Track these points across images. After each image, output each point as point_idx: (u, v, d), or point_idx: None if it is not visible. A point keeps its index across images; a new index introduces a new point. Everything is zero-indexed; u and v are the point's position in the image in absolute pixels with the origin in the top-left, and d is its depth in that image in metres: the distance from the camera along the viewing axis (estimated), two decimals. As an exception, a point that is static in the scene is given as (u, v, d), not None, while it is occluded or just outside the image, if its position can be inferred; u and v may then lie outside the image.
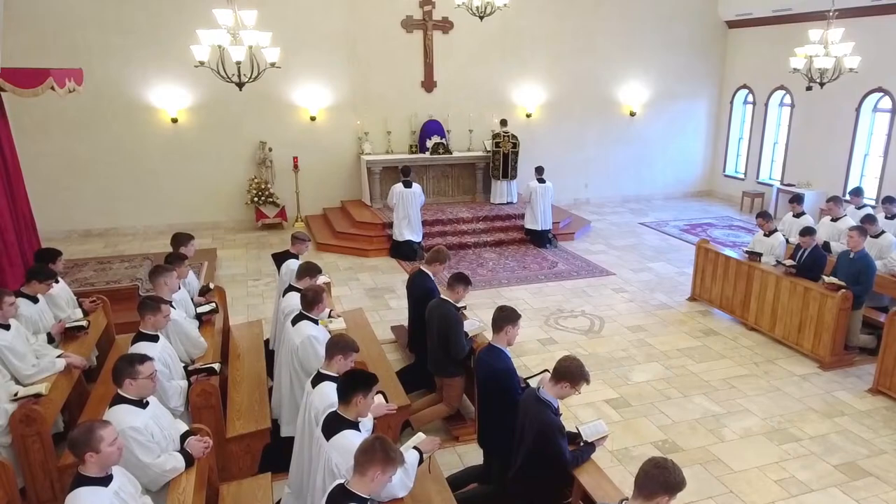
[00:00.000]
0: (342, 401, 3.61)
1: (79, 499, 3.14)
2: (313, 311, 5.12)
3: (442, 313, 5.61)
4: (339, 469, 3.46)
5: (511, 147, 12.85)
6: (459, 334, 5.60)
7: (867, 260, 7.11)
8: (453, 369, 5.73)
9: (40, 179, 11.22)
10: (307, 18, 12.34)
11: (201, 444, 4.00)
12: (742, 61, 14.91)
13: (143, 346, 4.58)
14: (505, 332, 4.55)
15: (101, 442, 3.14)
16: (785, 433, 5.87)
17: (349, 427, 3.58)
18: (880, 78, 11.52)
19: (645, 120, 15.08)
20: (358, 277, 10.12)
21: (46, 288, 5.82)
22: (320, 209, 13.28)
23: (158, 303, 4.86)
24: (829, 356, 7.06)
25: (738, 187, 15.10)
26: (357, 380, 3.64)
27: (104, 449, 3.15)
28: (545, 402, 3.95)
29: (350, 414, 3.59)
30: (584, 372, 3.94)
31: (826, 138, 12.80)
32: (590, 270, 10.47)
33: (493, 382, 4.55)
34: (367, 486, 3.03)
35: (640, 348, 7.62)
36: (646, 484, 2.86)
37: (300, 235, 6.97)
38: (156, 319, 4.80)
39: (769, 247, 8.14)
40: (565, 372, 3.92)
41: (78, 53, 11.14)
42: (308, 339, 4.93)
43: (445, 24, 13.20)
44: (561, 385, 3.92)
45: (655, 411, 6.23)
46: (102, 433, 3.16)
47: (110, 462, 3.22)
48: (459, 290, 5.66)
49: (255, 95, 11.47)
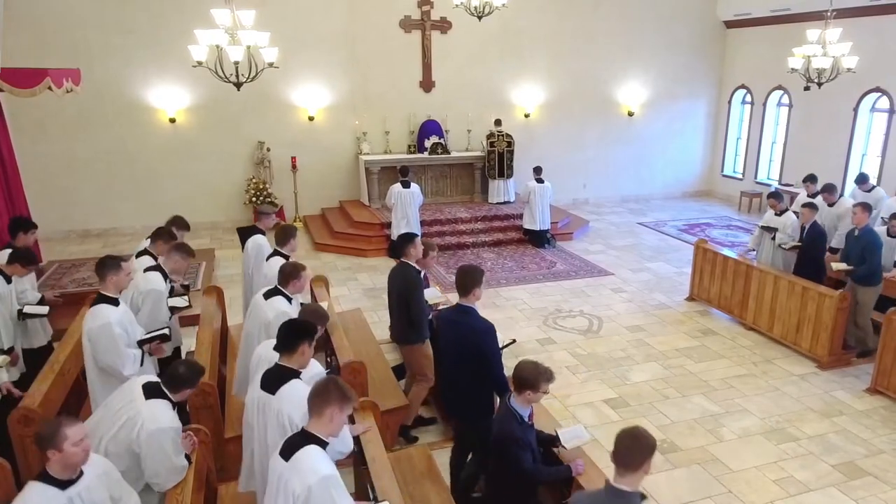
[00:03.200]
0: (287, 349, 3.58)
1: (26, 495, 3.01)
2: (288, 287, 4.93)
3: (401, 276, 5.56)
4: (291, 420, 3.40)
5: (506, 146, 12.86)
6: (420, 296, 5.55)
7: (870, 236, 7.14)
8: (415, 336, 5.61)
9: (38, 179, 11.22)
10: (306, 18, 12.33)
11: (188, 440, 3.93)
12: (740, 61, 14.92)
13: (104, 310, 4.52)
14: (473, 294, 4.47)
15: (64, 441, 2.99)
16: (783, 433, 5.87)
17: (294, 377, 3.53)
18: (878, 78, 11.53)
19: (644, 120, 15.09)
20: (356, 277, 10.12)
21: (25, 272, 5.71)
22: (319, 209, 13.27)
23: (118, 260, 4.67)
24: (827, 356, 7.07)
25: (737, 187, 15.12)
26: (301, 328, 3.64)
27: (67, 448, 3.00)
28: (511, 410, 3.87)
29: (294, 363, 3.56)
30: (540, 373, 3.83)
31: (824, 138, 12.82)
32: (588, 270, 10.47)
33: (471, 344, 4.39)
34: (327, 427, 3.00)
35: (638, 348, 7.62)
36: (632, 457, 2.79)
37: (264, 209, 6.86)
38: (118, 279, 4.62)
39: (782, 224, 8.17)
40: (523, 381, 3.82)
41: (78, 53, 11.13)
42: (281, 314, 4.71)
43: (444, 24, 13.20)
44: (524, 394, 3.83)
45: (654, 411, 6.23)
46: (68, 432, 3.01)
47: (72, 462, 3.07)
48: (410, 251, 5.53)
49: (254, 95, 11.47)
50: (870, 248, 7.02)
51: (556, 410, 6.01)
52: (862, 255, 7.03)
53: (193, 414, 4.75)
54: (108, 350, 4.49)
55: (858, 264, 7.04)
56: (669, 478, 5.21)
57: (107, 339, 4.49)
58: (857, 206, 7.26)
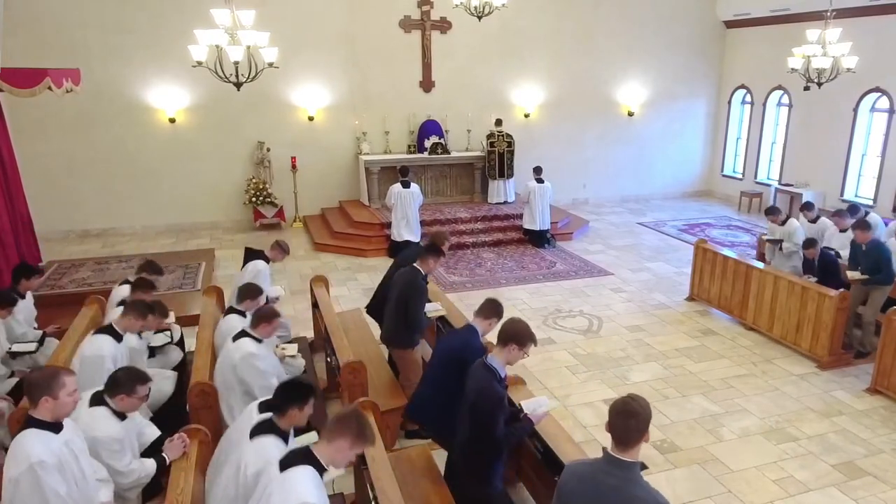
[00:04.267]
0: (277, 412, 3.47)
1: (26, 440, 3.04)
2: (258, 329, 4.88)
3: (408, 279, 5.55)
4: (246, 469, 3.34)
5: (506, 146, 12.86)
6: (421, 303, 5.53)
7: (880, 248, 7.21)
8: (408, 340, 5.60)
9: (38, 179, 11.21)
10: (305, 18, 12.33)
11: (179, 442, 3.91)
12: (740, 61, 14.92)
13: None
14: (490, 323, 4.44)
15: (61, 389, 3.04)
16: (783, 433, 5.87)
17: (277, 435, 3.44)
18: (878, 78, 11.54)
19: (643, 120, 15.10)
20: (356, 277, 10.12)
21: (5, 314, 5.67)
22: (318, 209, 13.27)
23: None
24: (827, 356, 7.07)
25: (737, 187, 15.12)
26: (294, 392, 3.49)
27: (62, 397, 3.06)
28: (490, 368, 3.82)
29: (283, 424, 3.47)
30: (531, 332, 3.84)
31: (824, 138, 12.82)
32: (588, 270, 10.47)
33: (458, 356, 4.32)
34: (331, 455, 2.94)
35: (638, 348, 7.62)
36: (629, 435, 2.71)
37: (283, 245, 6.76)
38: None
39: (787, 234, 8.19)
40: (513, 333, 3.80)
41: (77, 53, 11.13)
42: (248, 355, 4.74)
43: (444, 24, 13.20)
44: (509, 348, 3.79)
45: (654, 411, 6.12)
46: (66, 380, 3.06)
47: (64, 412, 3.14)
48: (430, 262, 5.60)
49: (254, 95, 11.46)
50: (882, 260, 7.12)
51: (556, 410, 5.99)
52: (876, 266, 7.12)
53: (193, 413, 4.74)
54: None
55: (872, 273, 7.13)
56: (669, 478, 5.22)
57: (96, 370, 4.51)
58: (856, 230, 7.30)
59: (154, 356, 5.80)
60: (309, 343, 7.43)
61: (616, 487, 2.72)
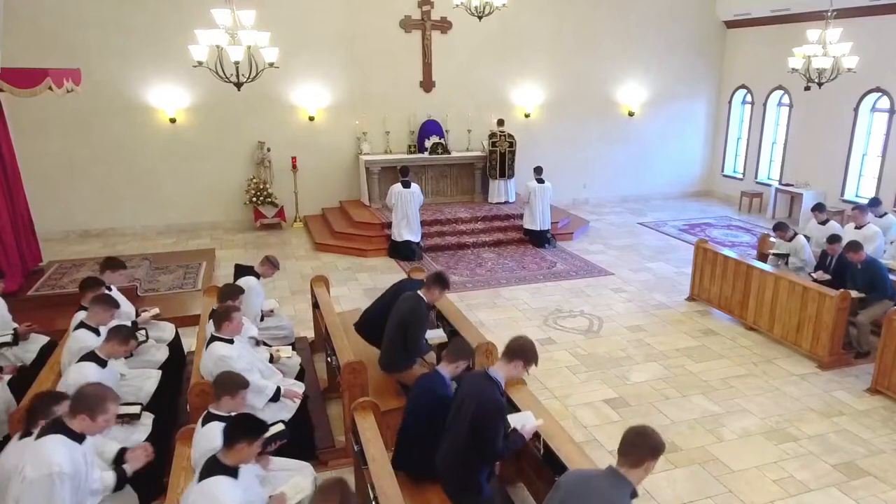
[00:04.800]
0: (225, 445, 3.34)
1: (52, 445, 3.15)
2: (222, 331, 4.90)
3: (412, 306, 5.48)
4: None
5: (508, 146, 12.86)
6: (421, 331, 5.47)
7: (875, 265, 7.24)
8: (405, 364, 5.54)
9: (39, 179, 11.23)
10: (306, 18, 12.33)
11: (141, 452, 3.89)
12: (740, 61, 14.92)
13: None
14: (456, 366, 4.29)
15: (104, 413, 3.17)
16: (783, 433, 5.87)
17: (225, 473, 3.30)
18: (878, 78, 11.53)
19: (644, 120, 15.09)
20: (356, 278, 10.12)
21: None
22: (319, 209, 13.27)
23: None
24: (827, 356, 7.07)
25: (737, 187, 15.12)
26: (245, 426, 3.39)
27: (100, 421, 3.18)
28: (494, 380, 3.79)
29: (229, 460, 3.32)
30: (536, 353, 3.86)
31: (824, 138, 12.82)
32: (588, 270, 10.47)
33: (427, 410, 4.23)
34: None
35: (638, 348, 7.62)
36: (632, 451, 2.92)
37: (273, 260, 6.72)
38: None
39: (794, 249, 8.21)
40: (520, 350, 3.80)
41: (77, 53, 11.13)
42: (220, 359, 4.75)
43: (444, 24, 13.20)
44: (514, 364, 3.81)
45: (654, 411, 6.23)
46: (111, 406, 3.18)
47: (92, 432, 3.24)
48: (435, 292, 5.53)
49: (254, 95, 11.47)
50: (879, 277, 7.16)
51: (557, 410, 6.01)
52: (872, 284, 7.16)
53: (194, 413, 4.74)
54: None
55: (869, 291, 7.16)
56: (669, 478, 5.21)
57: None
58: (848, 252, 7.26)
59: (131, 355, 5.75)
60: (309, 343, 7.45)
61: (600, 492, 2.92)
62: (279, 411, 4.95)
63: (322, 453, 5.34)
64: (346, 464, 5.17)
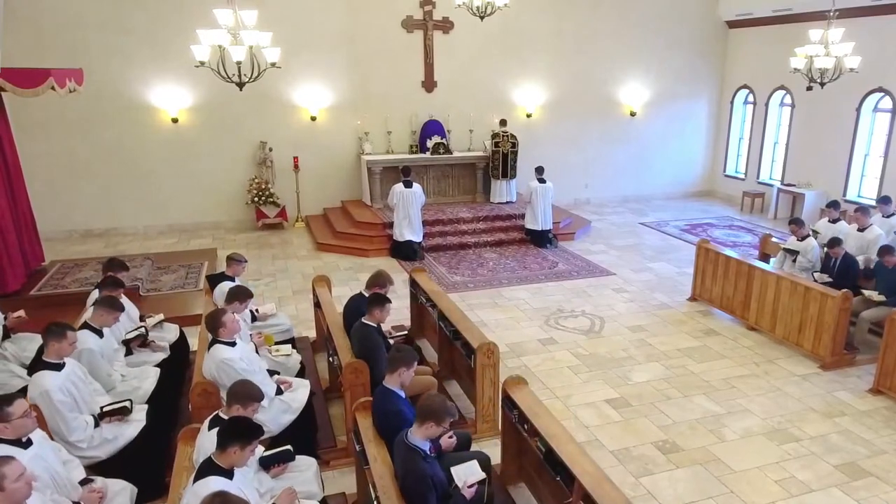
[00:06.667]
0: (218, 447, 3.40)
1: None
2: (219, 335, 4.91)
3: (359, 337, 5.36)
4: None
5: (510, 147, 12.86)
6: (380, 358, 5.12)
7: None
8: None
9: (41, 179, 11.25)
10: (307, 18, 12.34)
11: (95, 495, 3.85)
12: (742, 61, 14.90)
13: (44, 376, 4.39)
14: (398, 374, 4.30)
15: (2, 479, 2.92)
16: (785, 433, 5.86)
17: (219, 474, 3.34)
18: (881, 78, 11.52)
19: (645, 120, 15.09)
20: (358, 277, 10.12)
21: None
22: (321, 209, 13.28)
23: (64, 329, 4.54)
24: (829, 356, 7.06)
25: (739, 187, 15.10)
26: (238, 430, 3.42)
27: (8, 486, 2.94)
28: (413, 448, 3.74)
29: (223, 462, 3.37)
30: (447, 407, 3.79)
31: (826, 138, 12.80)
32: (590, 270, 10.47)
33: (384, 426, 4.24)
34: None
35: (640, 348, 7.61)
36: None
37: (236, 256, 6.71)
38: (60, 347, 4.48)
39: (804, 249, 8.19)
40: (428, 412, 3.73)
41: (78, 53, 11.14)
42: (222, 362, 4.79)
43: (446, 24, 13.20)
44: (426, 426, 3.74)
45: (656, 411, 6.23)
46: (5, 470, 2.92)
47: (15, 500, 3.00)
48: (376, 313, 5.37)
49: (256, 95, 11.47)
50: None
51: (558, 410, 6.02)
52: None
53: (195, 413, 4.75)
54: (51, 418, 4.33)
55: (890, 295, 7.08)
56: (671, 478, 5.21)
57: (47, 408, 4.33)
58: (884, 256, 7.18)
59: (131, 353, 5.83)
60: (311, 343, 7.45)
61: None
62: (282, 414, 4.96)
63: (324, 453, 5.34)
64: (348, 463, 5.18)
